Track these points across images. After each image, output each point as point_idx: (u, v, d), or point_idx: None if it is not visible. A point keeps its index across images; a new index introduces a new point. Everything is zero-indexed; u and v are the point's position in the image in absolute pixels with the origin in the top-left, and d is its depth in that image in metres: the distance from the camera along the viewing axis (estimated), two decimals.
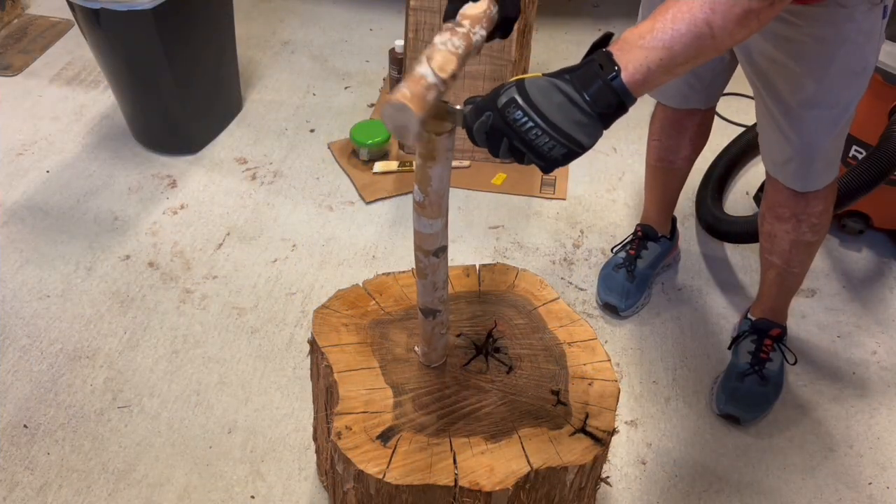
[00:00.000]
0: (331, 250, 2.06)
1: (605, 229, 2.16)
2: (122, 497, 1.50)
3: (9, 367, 1.73)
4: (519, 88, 0.88)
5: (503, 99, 0.88)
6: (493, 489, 1.06)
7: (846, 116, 1.37)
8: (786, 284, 1.69)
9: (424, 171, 0.97)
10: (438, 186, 0.99)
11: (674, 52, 0.87)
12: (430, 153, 0.95)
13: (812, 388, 1.78)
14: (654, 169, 1.88)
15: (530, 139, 0.87)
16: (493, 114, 0.89)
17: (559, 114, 0.87)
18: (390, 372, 1.21)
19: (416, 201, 1.02)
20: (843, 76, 1.30)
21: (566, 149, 0.88)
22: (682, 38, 0.86)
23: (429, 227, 1.04)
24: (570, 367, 1.24)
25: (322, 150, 2.40)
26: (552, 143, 0.87)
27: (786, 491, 1.58)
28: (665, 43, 0.86)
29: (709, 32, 0.86)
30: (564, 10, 3.18)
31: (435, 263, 1.09)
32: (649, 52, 0.87)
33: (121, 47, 2.10)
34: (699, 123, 1.76)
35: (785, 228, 1.56)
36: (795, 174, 1.47)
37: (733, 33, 0.88)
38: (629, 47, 0.88)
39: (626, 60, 0.87)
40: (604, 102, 0.87)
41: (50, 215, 2.13)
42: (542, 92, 0.87)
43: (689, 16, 0.86)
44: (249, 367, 1.75)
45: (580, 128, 0.87)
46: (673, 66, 0.88)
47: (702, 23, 0.86)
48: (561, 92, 0.87)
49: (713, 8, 0.86)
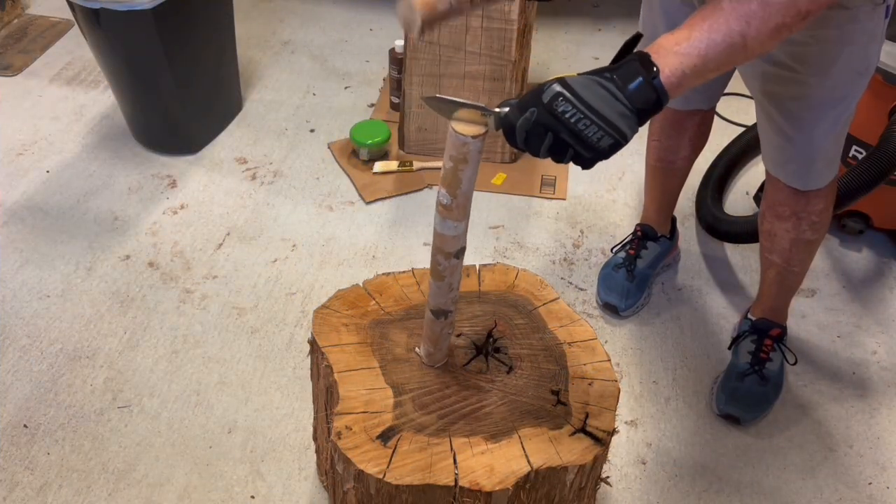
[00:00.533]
0: (331, 250, 2.06)
1: (605, 229, 2.16)
2: (122, 497, 1.50)
3: (9, 367, 1.73)
4: (563, 84, 0.91)
5: (548, 95, 0.91)
6: (493, 489, 1.06)
7: (846, 115, 1.38)
8: (786, 284, 1.69)
9: (456, 175, 0.97)
10: (467, 189, 0.99)
11: (707, 60, 0.91)
12: (462, 156, 0.95)
13: (812, 388, 1.78)
14: (653, 169, 1.88)
15: (580, 129, 0.90)
16: (539, 109, 0.91)
17: (606, 106, 0.90)
18: (390, 372, 1.21)
19: (443, 204, 1.01)
20: (845, 76, 1.30)
21: (613, 139, 0.91)
22: (716, 47, 0.91)
23: (453, 229, 1.04)
24: (570, 367, 1.24)
25: (322, 150, 2.40)
26: (601, 133, 0.90)
27: (786, 491, 1.58)
28: (700, 51, 0.91)
29: (742, 43, 0.91)
30: (564, 10, 3.18)
31: (454, 265, 1.09)
32: (685, 59, 0.91)
33: (121, 47, 2.10)
34: (699, 124, 1.77)
35: (785, 227, 1.56)
36: (796, 173, 1.47)
37: (765, 44, 0.93)
38: (665, 52, 0.92)
39: (664, 64, 0.91)
40: (643, 99, 0.91)
41: (50, 215, 2.13)
42: (586, 86, 0.90)
43: (725, 27, 0.90)
44: (249, 367, 1.75)
45: (623, 119, 0.91)
46: (705, 72, 0.93)
47: (737, 35, 0.90)
48: (603, 87, 0.91)
49: (749, 21, 0.90)
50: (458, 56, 2.13)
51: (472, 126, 0.95)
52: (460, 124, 0.94)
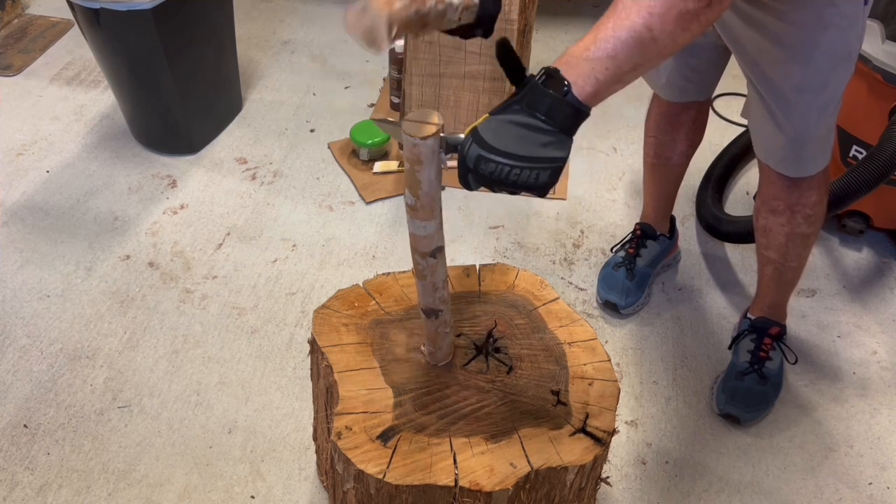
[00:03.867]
0: (331, 250, 2.06)
1: (605, 229, 2.16)
2: (122, 497, 1.50)
3: (9, 367, 1.73)
4: (477, 141, 0.89)
5: (471, 160, 0.90)
6: (493, 489, 1.06)
7: (834, 102, 1.38)
8: (784, 280, 1.69)
9: (413, 175, 0.98)
10: (429, 189, 0.99)
11: (619, 61, 0.89)
12: (416, 157, 0.95)
13: (812, 388, 1.78)
14: (651, 166, 1.88)
15: (513, 180, 0.89)
16: (472, 175, 0.92)
17: (525, 146, 0.88)
18: (390, 372, 1.21)
19: (408, 204, 1.02)
20: (828, 61, 1.31)
21: (549, 170, 0.89)
22: (624, 45, 0.88)
23: (422, 229, 1.04)
24: (570, 367, 1.24)
25: (322, 150, 2.40)
26: (535, 173, 0.89)
27: (786, 491, 1.58)
28: (609, 52, 0.88)
29: (649, 36, 0.88)
30: (564, 10, 3.18)
31: (433, 264, 1.09)
32: (595, 64, 0.88)
33: (121, 47, 2.10)
34: (694, 119, 1.77)
35: (780, 221, 1.56)
36: (786, 159, 1.48)
37: (674, 35, 0.90)
38: (575, 61, 0.89)
39: (575, 75, 0.89)
40: (561, 117, 0.89)
41: (50, 215, 2.13)
42: (498, 133, 0.89)
43: (628, 23, 0.88)
44: (249, 367, 1.75)
45: (550, 147, 0.89)
46: (621, 74, 0.90)
47: (641, 27, 0.88)
48: (516, 124, 0.89)
49: (650, 12, 0.88)
50: (458, 56, 2.13)
51: (423, 126, 0.94)
52: (411, 125, 0.93)
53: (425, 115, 0.95)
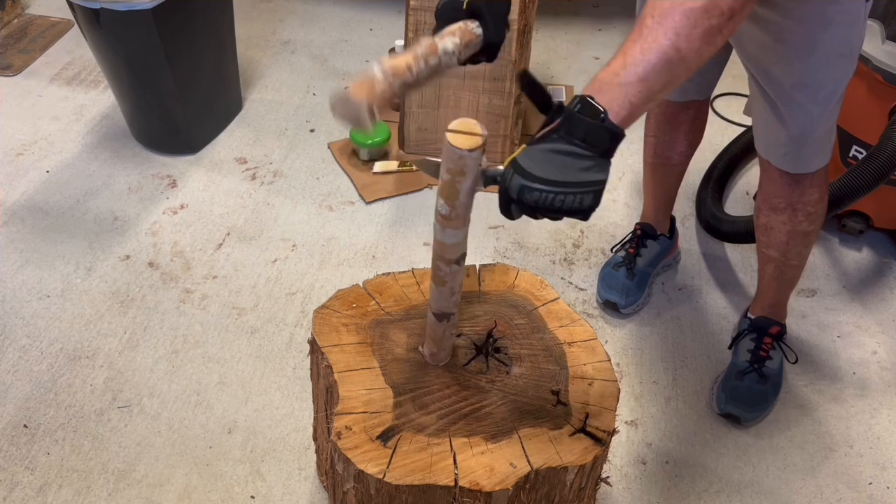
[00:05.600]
0: (331, 250, 2.06)
1: (605, 229, 2.16)
2: (122, 497, 1.50)
3: (9, 367, 1.73)
4: (519, 171, 0.90)
5: (514, 191, 0.91)
6: (493, 489, 1.06)
7: (835, 98, 1.39)
8: (784, 278, 1.69)
9: (454, 187, 0.96)
10: (466, 200, 0.98)
11: (650, 83, 0.90)
12: (460, 169, 0.94)
13: (812, 388, 1.78)
14: (651, 166, 1.88)
15: (559, 206, 0.90)
16: (516, 205, 0.92)
17: (567, 172, 0.89)
18: (390, 372, 1.21)
19: (442, 214, 1.00)
20: (829, 58, 1.31)
21: (591, 193, 0.90)
22: (654, 67, 0.90)
23: (453, 237, 1.03)
24: (570, 367, 1.24)
25: (322, 150, 2.40)
26: (579, 198, 0.90)
27: (786, 491, 1.58)
28: (640, 76, 0.90)
29: (677, 56, 0.90)
30: (564, 10, 3.18)
31: (455, 271, 1.09)
32: (628, 88, 0.90)
33: (121, 47, 2.10)
34: (693, 118, 1.77)
35: (781, 219, 1.56)
36: (788, 156, 1.48)
37: (700, 52, 0.92)
38: (607, 87, 0.91)
39: (609, 100, 0.90)
40: (600, 142, 0.90)
41: (50, 215, 2.13)
42: (541, 163, 0.90)
43: (655, 45, 0.90)
44: (249, 367, 1.75)
45: (591, 171, 0.90)
46: (652, 95, 0.92)
47: (669, 48, 0.90)
48: (556, 153, 0.90)
49: (677, 32, 0.89)
50: None
51: (468, 138, 0.94)
52: (456, 136, 0.93)
53: (468, 126, 0.94)
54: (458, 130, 0.94)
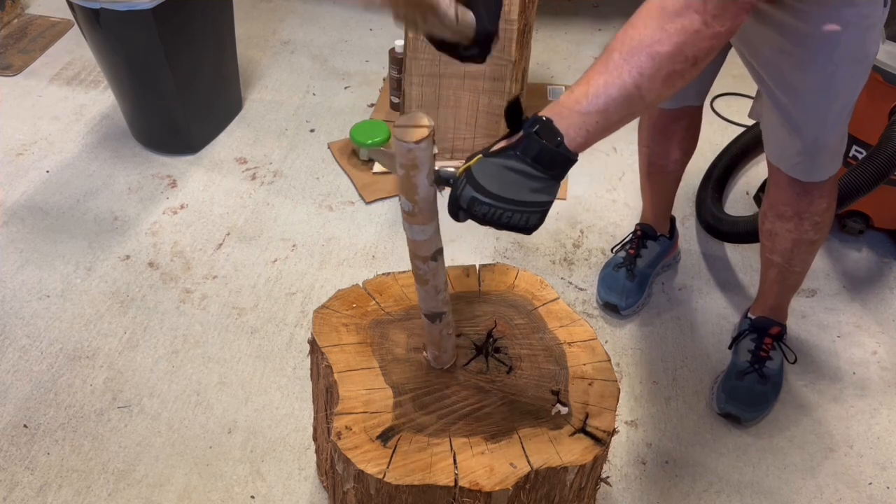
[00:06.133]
0: (331, 250, 2.06)
1: (605, 229, 2.16)
2: (122, 497, 1.50)
3: (9, 367, 1.73)
4: (472, 183, 0.94)
5: (465, 200, 0.95)
6: (493, 489, 1.06)
7: (850, 106, 1.38)
8: (787, 283, 1.69)
9: (409, 181, 0.97)
10: (425, 193, 0.98)
11: (608, 115, 0.95)
12: (411, 162, 0.95)
13: (812, 388, 1.78)
14: (647, 174, 1.88)
15: (505, 222, 0.94)
16: (464, 213, 0.97)
17: (518, 191, 0.94)
18: (390, 372, 1.21)
19: (406, 211, 1.01)
20: (845, 63, 1.30)
21: (538, 213, 0.95)
22: (614, 101, 0.94)
23: (422, 233, 1.04)
24: (570, 367, 1.24)
25: (322, 150, 2.40)
26: (525, 216, 0.95)
27: (786, 491, 1.58)
28: (599, 108, 0.94)
29: (638, 94, 0.95)
30: (564, 10, 3.18)
31: (434, 267, 1.09)
32: (586, 118, 0.94)
33: (121, 47, 2.10)
34: (686, 127, 1.76)
35: (787, 227, 1.56)
36: (801, 164, 1.46)
37: (660, 93, 0.96)
38: (568, 113, 0.95)
39: (567, 126, 0.94)
40: (551, 164, 0.94)
41: (50, 215, 2.13)
42: (495, 178, 0.94)
43: (619, 81, 0.94)
44: (249, 367, 1.75)
45: (540, 192, 0.95)
46: (609, 126, 0.96)
47: (631, 87, 0.94)
48: (510, 170, 0.94)
49: (641, 72, 0.94)
50: None
51: (414, 130, 0.94)
52: (403, 130, 0.94)
53: (414, 119, 0.95)
54: (405, 125, 0.95)
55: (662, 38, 0.94)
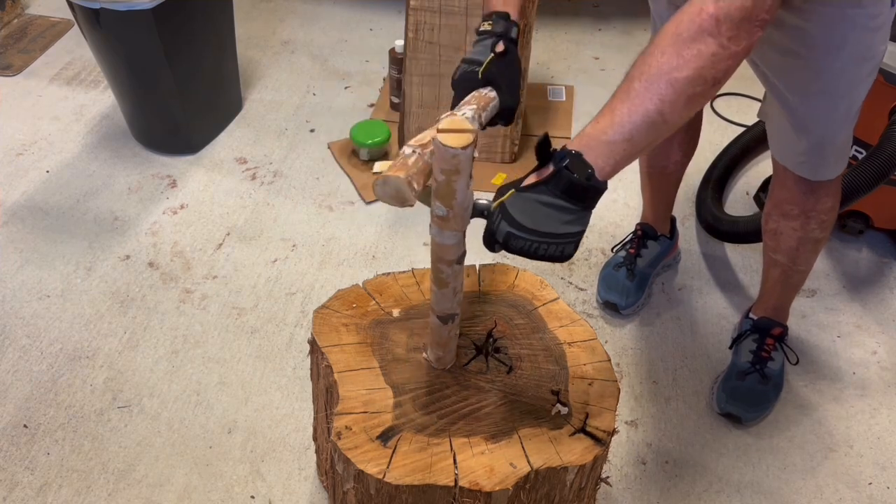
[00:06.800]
0: (331, 250, 2.06)
1: (605, 229, 2.16)
2: (122, 497, 1.50)
3: (9, 367, 1.73)
4: (507, 218, 0.96)
5: (501, 235, 0.97)
6: (493, 489, 1.06)
7: (857, 105, 1.38)
8: (790, 283, 1.68)
9: (450, 187, 0.96)
10: (463, 199, 0.98)
11: (634, 142, 0.97)
12: (454, 168, 0.94)
13: (812, 388, 1.78)
14: (647, 175, 1.88)
15: (541, 254, 0.97)
16: (500, 246, 0.99)
17: (552, 224, 0.96)
18: (390, 372, 1.21)
19: (438, 216, 1.00)
20: (852, 63, 1.30)
21: (572, 244, 0.97)
22: (639, 129, 0.96)
23: (452, 238, 1.03)
24: (570, 367, 1.24)
25: (322, 150, 2.40)
26: (560, 248, 0.97)
27: (786, 491, 1.58)
28: (625, 136, 0.96)
29: (661, 120, 0.97)
30: (564, 10, 3.18)
31: (457, 270, 1.09)
32: (613, 147, 0.97)
33: (121, 47, 2.10)
34: (687, 129, 1.75)
35: (792, 226, 1.55)
36: (807, 163, 1.46)
37: (683, 115, 0.99)
38: (595, 144, 0.97)
39: (595, 157, 0.96)
40: (583, 197, 0.96)
41: (50, 215, 2.13)
42: (528, 212, 0.96)
43: (642, 108, 0.96)
44: (249, 367, 1.75)
45: (573, 224, 0.97)
46: (635, 153, 0.99)
47: (654, 114, 0.96)
48: (543, 204, 0.96)
49: (662, 98, 0.96)
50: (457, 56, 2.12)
51: (458, 136, 0.94)
52: (447, 136, 0.94)
53: (455, 123, 0.95)
54: (448, 129, 0.94)
55: (680, 64, 0.95)
